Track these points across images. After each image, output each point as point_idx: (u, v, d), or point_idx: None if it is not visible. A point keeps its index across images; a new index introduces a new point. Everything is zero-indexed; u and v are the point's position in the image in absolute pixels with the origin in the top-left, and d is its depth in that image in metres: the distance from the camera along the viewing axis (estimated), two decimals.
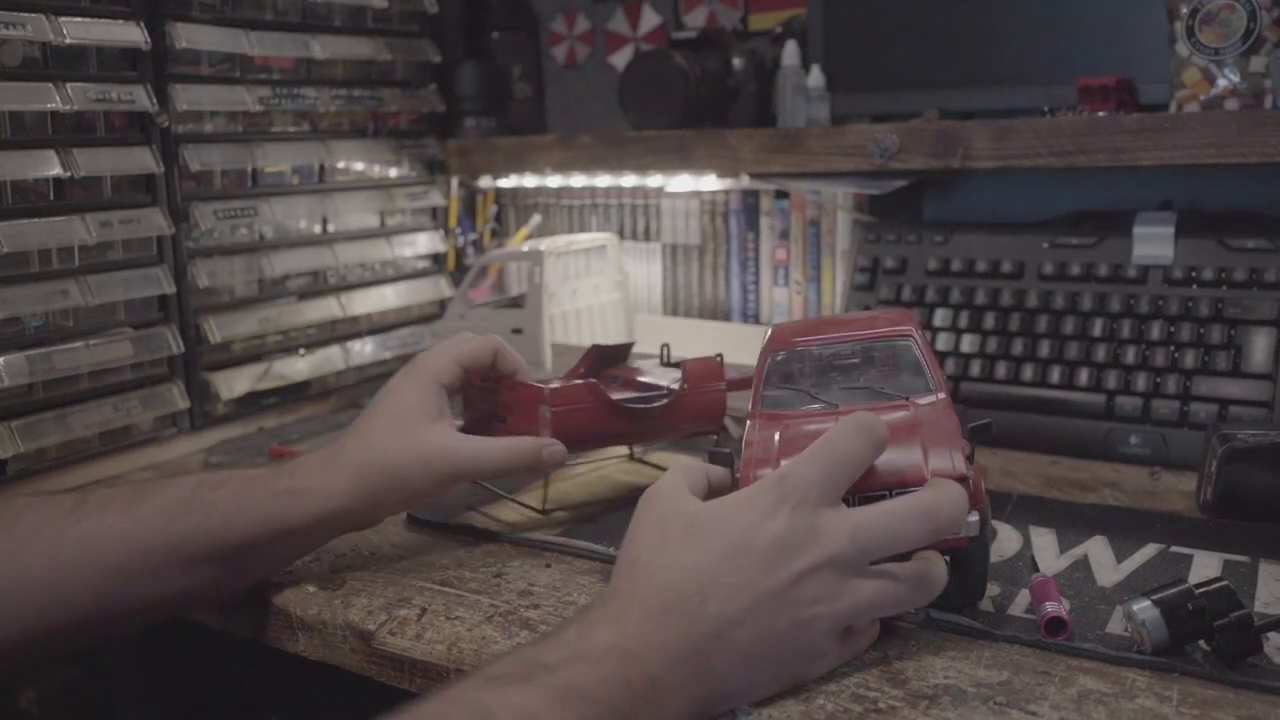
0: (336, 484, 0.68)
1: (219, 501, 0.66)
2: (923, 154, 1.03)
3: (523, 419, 0.77)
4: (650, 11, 1.46)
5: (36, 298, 0.91)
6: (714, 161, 1.16)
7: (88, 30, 0.93)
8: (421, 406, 0.72)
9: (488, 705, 0.47)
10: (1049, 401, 0.95)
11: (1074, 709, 0.52)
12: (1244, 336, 0.91)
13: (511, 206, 1.45)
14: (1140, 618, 0.56)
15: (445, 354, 0.75)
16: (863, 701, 0.54)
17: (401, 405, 0.72)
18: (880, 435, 0.57)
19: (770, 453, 0.61)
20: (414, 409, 0.72)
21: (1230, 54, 0.91)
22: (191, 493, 0.66)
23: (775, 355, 0.69)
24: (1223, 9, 0.91)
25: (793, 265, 1.24)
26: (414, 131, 1.30)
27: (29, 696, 0.87)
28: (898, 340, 0.68)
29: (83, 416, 0.95)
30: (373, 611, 0.66)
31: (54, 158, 0.92)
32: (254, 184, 1.12)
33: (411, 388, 0.73)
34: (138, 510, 0.65)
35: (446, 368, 0.74)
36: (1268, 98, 0.91)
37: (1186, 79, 0.94)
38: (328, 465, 0.69)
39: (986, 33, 1.11)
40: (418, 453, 0.70)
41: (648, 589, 0.54)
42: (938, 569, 0.57)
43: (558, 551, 0.74)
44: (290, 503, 0.67)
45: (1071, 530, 0.75)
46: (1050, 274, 1.00)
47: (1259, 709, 0.52)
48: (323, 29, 1.16)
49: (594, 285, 1.23)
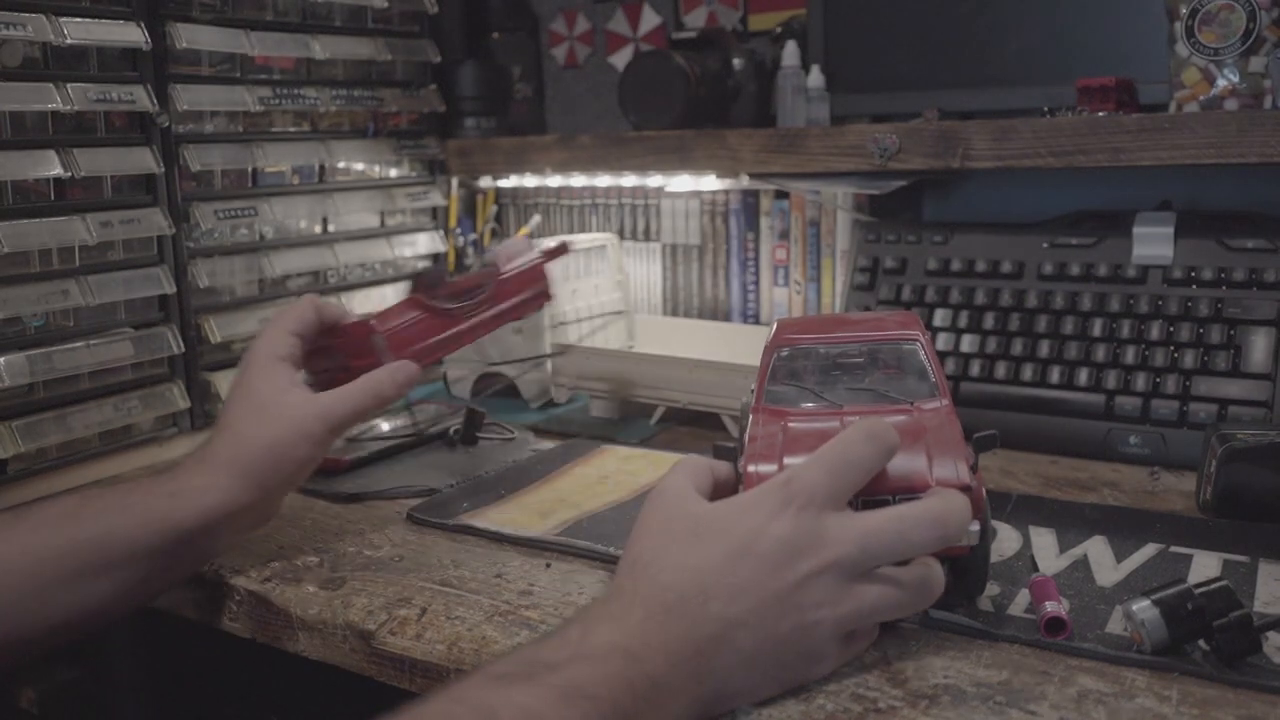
0: (218, 480, 0.70)
1: (102, 510, 0.67)
2: (923, 154, 1.03)
3: (362, 356, 0.79)
4: (650, 11, 1.46)
5: (37, 298, 0.91)
6: (714, 161, 1.16)
7: (88, 30, 0.93)
8: (271, 383, 0.74)
9: (491, 704, 0.47)
10: (1049, 401, 0.95)
11: (1074, 709, 0.52)
12: (1243, 336, 0.91)
13: (511, 206, 1.45)
14: (1140, 617, 0.56)
15: (276, 330, 0.77)
16: (863, 701, 0.54)
17: (252, 390, 0.74)
18: (890, 443, 0.57)
19: (774, 448, 0.61)
20: (265, 388, 0.74)
21: (1230, 54, 0.91)
22: (74, 506, 0.67)
23: (780, 351, 0.69)
24: (1222, 9, 0.91)
25: (793, 265, 1.24)
26: (414, 131, 1.30)
27: (29, 696, 0.87)
28: (904, 344, 0.68)
29: (83, 416, 0.95)
30: (373, 611, 0.66)
31: (54, 158, 0.92)
32: (254, 184, 1.12)
33: (255, 372, 0.75)
34: (15, 532, 0.65)
35: (279, 340, 0.76)
36: (1267, 98, 0.91)
37: (1186, 79, 0.94)
38: (204, 463, 0.71)
39: (986, 33, 1.11)
40: (286, 424, 0.72)
41: (650, 589, 0.54)
42: (937, 574, 0.57)
43: (558, 551, 0.74)
44: (174, 504, 0.68)
45: (1071, 530, 0.75)
46: (1050, 274, 1.00)
47: (1258, 709, 0.52)
48: (323, 29, 1.16)
49: (594, 285, 1.23)
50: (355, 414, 0.75)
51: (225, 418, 0.73)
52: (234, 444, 0.71)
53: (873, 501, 0.58)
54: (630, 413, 1.08)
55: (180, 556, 0.69)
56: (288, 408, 0.73)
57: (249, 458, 0.71)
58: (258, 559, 0.75)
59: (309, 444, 0.73)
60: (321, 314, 0.80)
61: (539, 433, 1.04)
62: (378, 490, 0.88)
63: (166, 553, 0.68)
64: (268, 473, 0.71)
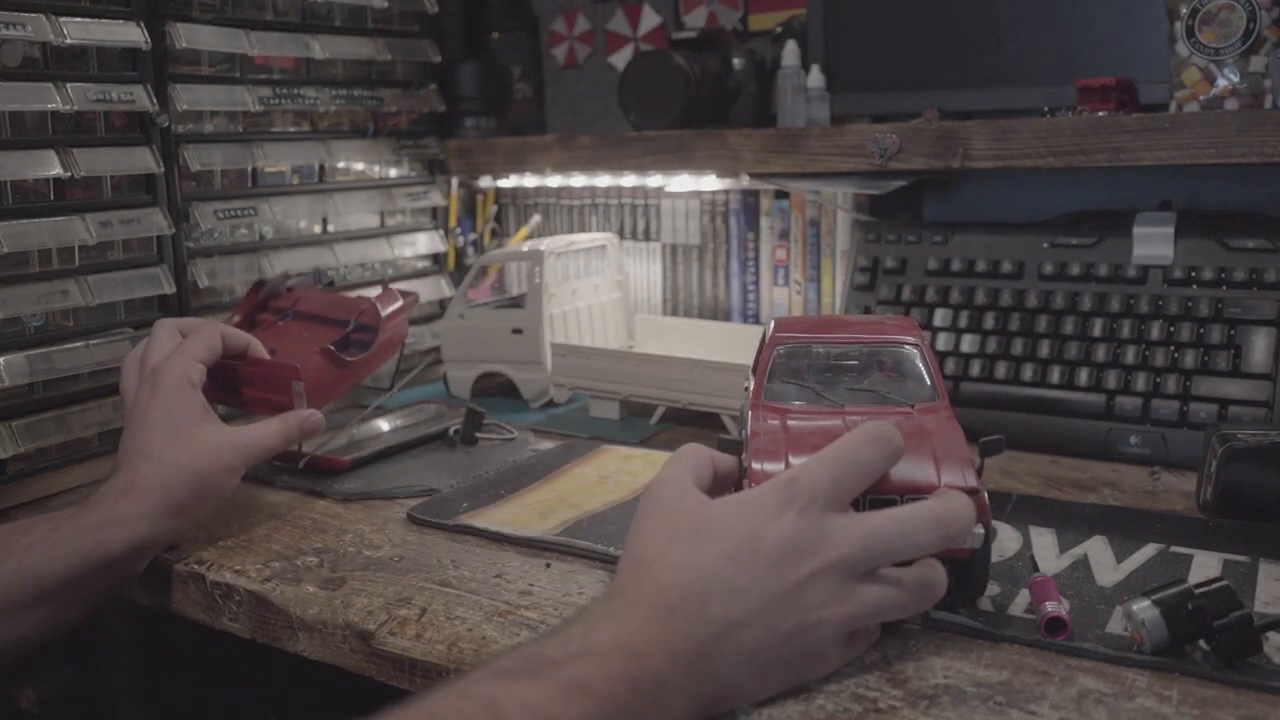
0: (145, 509, 0.72)
1: (33, 544, 0.69)
2: (923, 154, 1.03)
3: (268, 390, 0.85)
4: (650, 11, 1.46)
5: (36, 298, 0.91)
6: (714, 161, 1.16)
7: (88, 30, 0.93)
8: (190, 412, 0.76)
9: (495, 698, 0.47)
10: (1049, 401, 0.95)
11: (1074, 709, 0.52)
12: (1244, 336, 0.91)
13: (511, 206, 1.45)
14: (1140, 617, 0.56)
15: (187, 356, 0.79)
16: (863, 701, 0.54)
17: (173, 416, 0.75)
18: (896, 447, 0.57)
19: (778, 445, 0.61)
20: (185, 416, 0.76)
21: (1230, 54, 0.91)
22: (2, 539, 0.69)
23: (779, 349, 0.69)
24: (1222, 9, 0.91)
25: (793, 265, 1.24)
26: (414, 131, 1.30)
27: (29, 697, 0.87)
28: (904, 347, 0.68)
29: (83, 416, 0.95)
30: (373, 611, 0.66)
31: (54, 158, 0.92)
32: (254, 184, 1.12)
33: (172, 397, 0.76)
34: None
35: (193, 368, 0.79)
36: (1268, 98, 0.91)
37: (1186, 79, 0.94)
38: (130, 493, 0.72)
39: (986, 33, 1.11)
40: (209, 455, 0.75)
41: (652, 587, 0.54)
42: (939, 575, 0.57)
43: (558, 551, 0.74)
44: (105, 535, 0.70)
45: (1071, 530, 0.75)
46: (1050, 274, 1.00)
47: (1259, 709, 0.52)
48: (323, 29, 1.16)
49: (594, 285, 1.22)
50: (269, 451, 0.80)
51: (143, 442, 0.75)
52: (160, 471, 0.73)
53: (880, 501, 0.58)
54: (630, 413, 1.08)
55: (105, 583, 0.72)
56: (211, 436, 0.76)
57: (176, 486, 0.73)
58: (258, 559, 0.75)
59: (228, 475, 0.77)
60: (227, 343, 0.83)
61: (539, 433, 1.04)
62: (378, 490, 0.88)
63: (93, 582, 0.70)
64: (191, 500, 0.74)
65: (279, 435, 0.81)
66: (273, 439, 0.80)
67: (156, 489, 0.72)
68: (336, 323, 0.95)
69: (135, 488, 0.72)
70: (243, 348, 0.85)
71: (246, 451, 0.78)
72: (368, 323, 0.94)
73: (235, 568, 0.73)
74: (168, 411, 0.75)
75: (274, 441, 0.80)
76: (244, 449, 0.77)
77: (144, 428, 0.75)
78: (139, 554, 0.72)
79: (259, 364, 0.86)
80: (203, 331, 0.82)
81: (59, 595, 0.69)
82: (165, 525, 0.73)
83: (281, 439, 0.81)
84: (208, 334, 0.81)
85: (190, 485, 0.74)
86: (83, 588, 0.70)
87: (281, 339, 0.93)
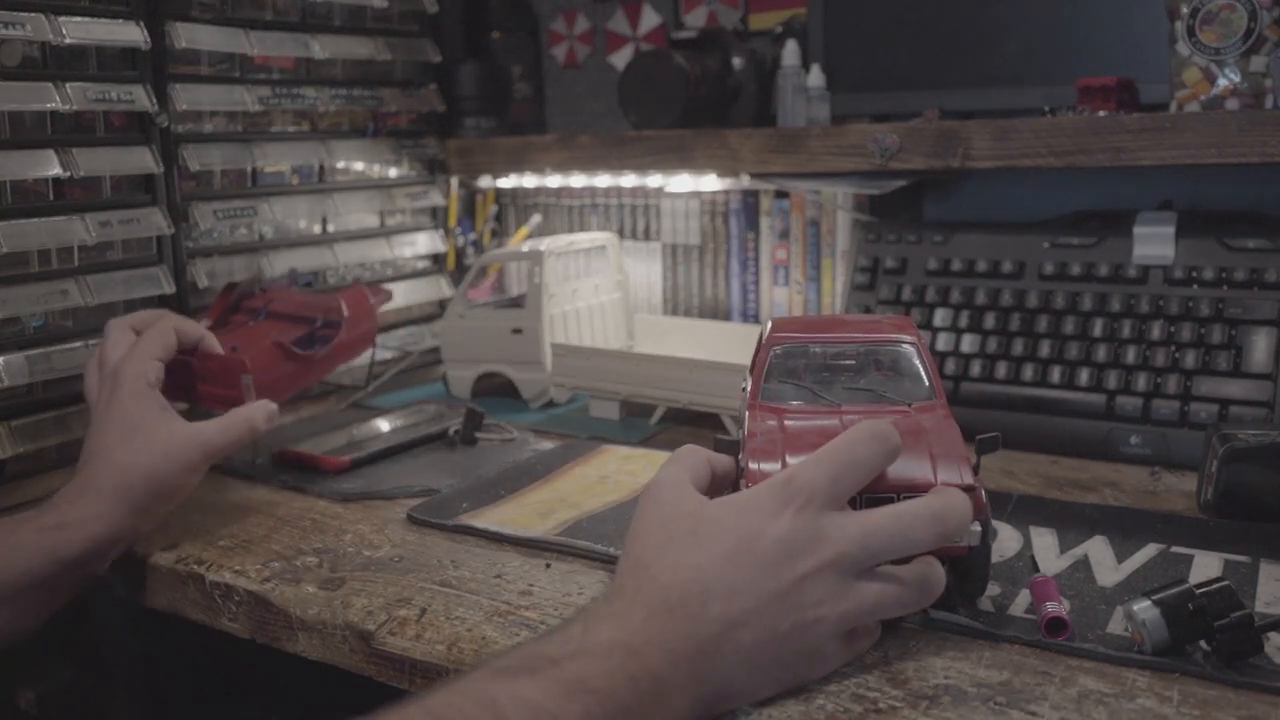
0: (101, 510, 0.72)
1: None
2: (923, 154, 1.03)
3: (221, 384, 0.85)
4: (650, 11, 1.45)
5: (36, 298, 0.91)
6: (714, 161, 1.16)
7: (88, 30, 0.93)
8: (147, 411, 0.76)
9: (495, 697, 0.47)
10: (1049, 401, 0.95)
11: (1074, 709, 0.52)
12: (1244, 336, 0.90)
13: (511, 206, 1.45)
14: (1140, 618, 0.56)
15: (143, 356, 0.79)
16: (863, 701, 0.53)
17: (129, 417, 0.76)
18: (893, 445, 0.57)
19: (775, 445, 0.61)
20: (143, 416, 0.76)
21: (1230, 54, 0.91)
22: None
23: (776, 349, 0.69)
24: (1223, 9, 0.91)
25: (793, 265, 1.24)
26: (414, 131, 1.30)
27: (29, 697, 0.87)
28: (901, 346, 0.68)
29: (82, 416, 0.94)
30: (373, 611, 0.66)
31: (54, 158, 0.92)
32: (254, 184, 1.12)
33: (129, 398, 0.76)
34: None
35: (151, 367, 0.79)
36: (1268, 98, 0.90)
37: (1187, 79, 0.94)
38: (86, 494, 0.73)
39: (986, 33, 1.11)
40: (167, 454, 0.75)
41: (651, 588, 0.54)
42: (937, 571, 0.57)
43: (557, 551, 0.74)
44: (62, 537, 0.70)
45: (1072, 530, 0.75)
46: (1050, 274, 1.00)
47: (1259, 709, 0.52)
48: (323, 29, 1.16)
49: (594, 285, 1.22)
50: (232, 446, 0.80)
51: (101, 444, 0.75)
52: (117, 473, 0.73)
53: (877, 500, 0.58)
54: (630, 413, 1.08)
55: (66, 584, 0.72)
56: (170, 435, 0.76)
57: (132, 486, 0.73)
58: (257, 559, 0.75)
59: (189, 473, 0.77)
60: (181, 337, 0.83)
61: (539, 433, 1.04)
62: (378, 490, 0.87)
63: (54, 583, 0.71)
64: (150, 500, 0.74)
65: (241, 427, 0.80)
66: (236, 430, 0.79)
67: (110, 491, 0.73)
68: (304, 320, 0.96)
69: (90, 489, 0.73)
70: (196, 340, 0.85)
71: (206, 447, 0.77)
72: (334, 319, 0.95)
73: (235, 568, 0.73)
74: (124, 413, 0.76)
75: (238, 433, 0.79)
76: (203, 444, 0.77)
77: (102, 430, 0.76)
78: (97, 555, 0.72)
79: (210, 359, 0.86)
80: (156, 327, 0.82)
81: (20, 597, 0.69)
82: (124, 525, 0.73)
83: (245, 431, 0.80)
84: (161, 329, 0.82)
85: (145, 484, 0.74)
86: (43, 589, 0.70)
87: (244, 338, 0.94)
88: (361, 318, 0.98)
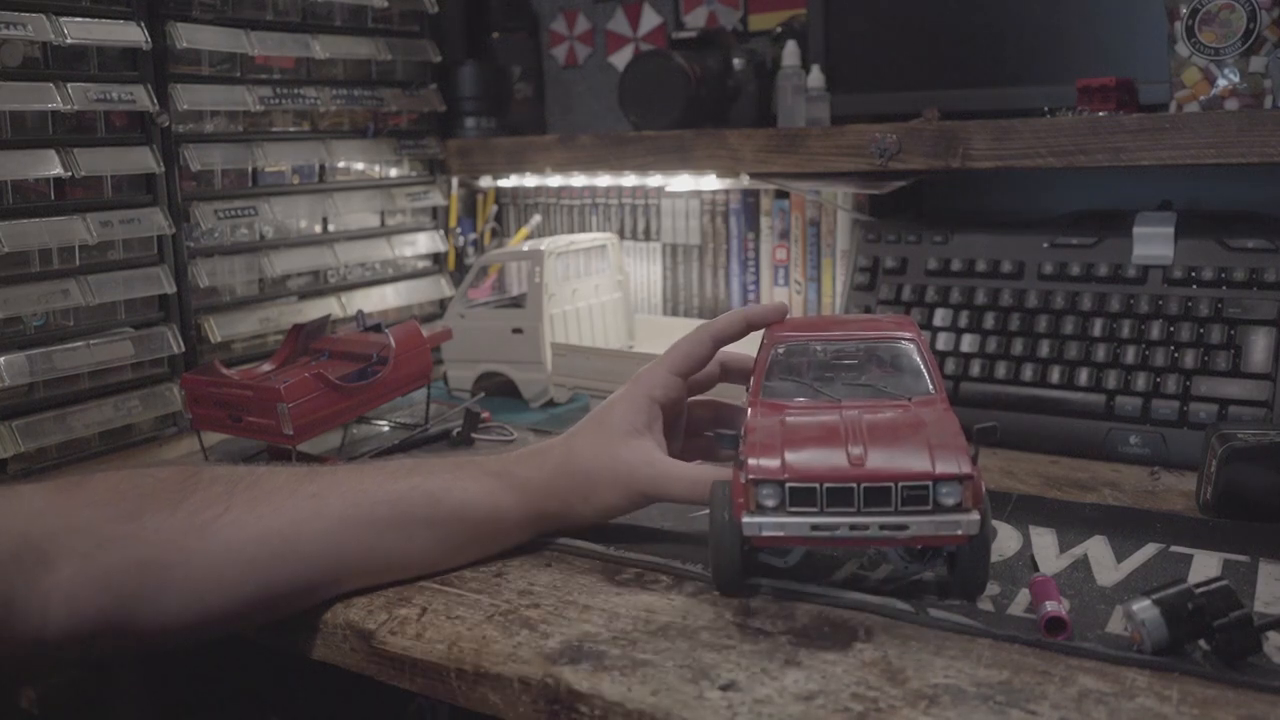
0: (537, 475, 0.72)
1: (436, 468, 0.70)
2: (922, 154, 1.03)
3: (260, 415, 0.87)
4: (650, 11, 1.46)
5: (37, 297, 0.91)
6: (714, 161, 1.16)
7: (88, 30, 0.93)
8: (626, 420, 0.73)
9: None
10: (1049, 401, 0.95)
11: (1074, 708, 0.52)
12: (1244, 336, 0.91)
13: (511, 206, 1.45)
14: (1140, 617, 0.56)
15: (662, 369, 0.75)
16: (863, 701, 0.54)
17: (608, 416, 0.74)
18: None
19: (774, 439, 0.61)
20: (618, 421, 0.73)
21: (1230, 54, 0.91)
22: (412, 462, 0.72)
23: (778, 348, 0.70)
24: (1222, 9, 0.91)
25: (793, 265, 1.24)
26: (414, 131, 1.30)
27: (29, 697, 0.87)
28: (899, 342, 0.69)
29: (83, 416, 0.95)
30: (373, 611, 0.66)
31: (54, 157, 0.92)
32: (254, 184, 1.12)
33: (621, 400, 0.74)
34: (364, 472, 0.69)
35: (663, 380, 0.74)
36: (1268, 98, 0.91)
37: (1186, 79, 0.94)
38: (535, 456, 0.73)
39: (986, 33, 1.11)
40: (608, 464, 0.71)
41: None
42: None
43: (558, 551, 0.74)
44: (499, 484, 0.71)
45: (1071, 530, 0.75)
46: (1050, 274, 1.00)
47: (1259, 708, 0.52)
48: (323, 29, 1.16)
49: (594, 285, 1.22)
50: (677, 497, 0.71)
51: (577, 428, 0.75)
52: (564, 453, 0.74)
53: (875, 490, 0.58)
54: None
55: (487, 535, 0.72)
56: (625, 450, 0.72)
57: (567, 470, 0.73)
58: None
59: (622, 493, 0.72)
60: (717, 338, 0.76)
61: (539, 433, 1.03)
62: None
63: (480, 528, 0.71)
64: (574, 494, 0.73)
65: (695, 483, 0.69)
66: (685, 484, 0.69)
67: (551, 464, 0.72)
68: (360, 358, 0.97)
69: (540, 454, 0.73)
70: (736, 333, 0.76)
71: (650, 479, 0.70)
72: (385, 355, 0.96)
73: None
74: (608, 410, 0.74)
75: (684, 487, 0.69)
76: (650, 477, 0.70)
77: (588, 416, 0.75)
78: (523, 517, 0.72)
79: (252, 389, 0.87)
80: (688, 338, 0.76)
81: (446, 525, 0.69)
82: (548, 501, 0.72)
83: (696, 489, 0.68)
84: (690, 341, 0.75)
85: (576, 478, 0.72)
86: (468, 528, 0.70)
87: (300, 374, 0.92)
88: (412, 354, 0.97)
